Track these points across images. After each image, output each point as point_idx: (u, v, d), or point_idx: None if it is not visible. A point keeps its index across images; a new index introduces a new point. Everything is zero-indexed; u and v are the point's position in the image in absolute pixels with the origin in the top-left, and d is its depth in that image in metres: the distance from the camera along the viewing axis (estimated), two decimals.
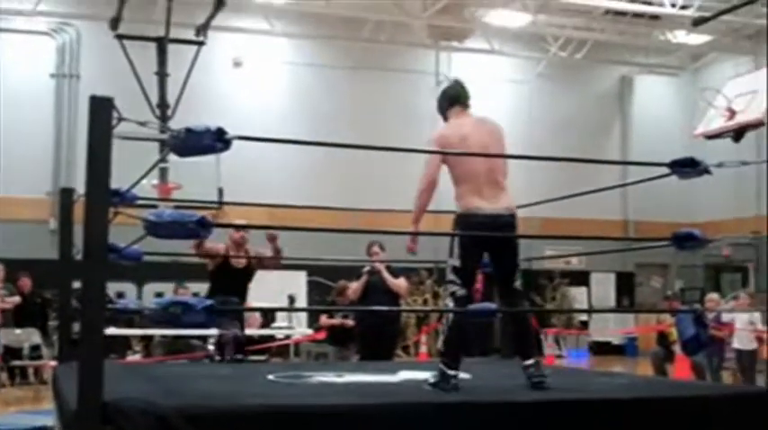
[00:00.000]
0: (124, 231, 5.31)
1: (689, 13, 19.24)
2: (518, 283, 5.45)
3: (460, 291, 5.27)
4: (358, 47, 21.41)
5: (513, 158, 5.68)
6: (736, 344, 12.49)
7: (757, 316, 12.25)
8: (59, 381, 5.51)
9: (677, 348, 12.27)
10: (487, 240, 5.29)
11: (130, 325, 13.22)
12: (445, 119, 5.72)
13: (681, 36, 22.50)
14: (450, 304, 5.32)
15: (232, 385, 5.44)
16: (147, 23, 16.34)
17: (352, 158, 19.34)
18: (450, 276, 5.33)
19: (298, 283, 19.19)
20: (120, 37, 14.98)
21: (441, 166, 5.37)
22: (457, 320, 5.31)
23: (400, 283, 9.76)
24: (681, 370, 12.58)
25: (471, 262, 5.33)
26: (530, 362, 5.31)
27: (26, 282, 14.90)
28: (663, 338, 13.56)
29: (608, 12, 21.07)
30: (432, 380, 5.22)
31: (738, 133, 12.39)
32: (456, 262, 5.29)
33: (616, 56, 23.76)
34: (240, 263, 8.73)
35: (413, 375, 5.87)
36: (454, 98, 5.69)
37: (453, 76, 22.21)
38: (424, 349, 18.77)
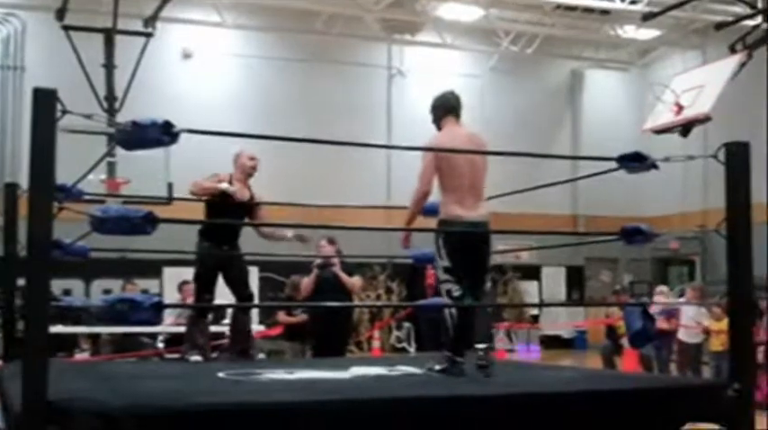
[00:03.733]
0: (72, 227, 5.23)
1: (638, 8, 19.42)
2: (487, 285, 5.93)
3: (457, 291, 5.68)
4: (311, 39, 21.32)
5: (463, 153, 5.71)
6: (681, 336, 12.64)
7: (704, 311, 12.39)
8: (5, 381, 5.40)
9: (625, 341, 12.37)
10: (466, 244, 5.70)
11: (78, 322, 13.02)
12: (438, 127, 6.01)
13: (630, 31, 22.71)
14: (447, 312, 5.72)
15: (181, 383, 5.36)
16: (95, 14, 16.15)
17: (306, 152, 19.25)
18: (444, 276, 5.71)
19: (250, 280, 19.02)
20: (66, 28, 14.78)
21: (435, 175, 5.74)
22: (459, 315, 5.68)
23: (355, 282, 9.73)
24: (629, 363, 12.70)
25: (459, 262, 5.68)
26: (482, 346, 5.69)
27: None
28: (612, 332, 13.68)
29: (559, 6, 21.19)
30: (438, 367, 5.67)
31: (686, 128, 12.52)
32: (446, 262, 5.68)
33: (566, 50, 23.92)
34: (244, 195, 7.94)
35: (365, 371, 5.85)
36: (449, 109, 6.00)
37: (406, 69, 22.46)
38: (377, 344, 18.76)
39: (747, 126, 17.48)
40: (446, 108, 5.98)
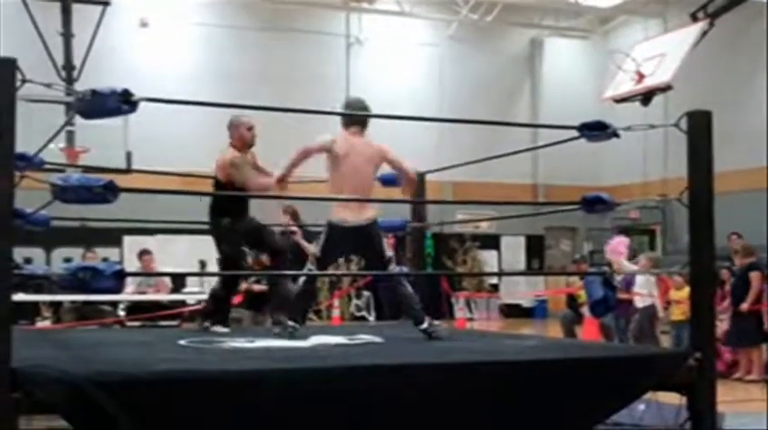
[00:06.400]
0: (33, 196, 5.18)
1: None
2: (393, 267, 6.48)
3: (310, 270, 6.42)
4: (268, 7, 21.18)
5: (424, 121, 5.73)
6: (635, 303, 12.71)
7: (652, 280, 12.46)
8: None
9: (586, 310, 12.45)
10: (349, 244, 6.41)
11: (39, 291, 12.94)
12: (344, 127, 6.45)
13: None
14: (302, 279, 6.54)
15: (143, 351, 5.36)
16: None
17: (264, 121, 19.10)
18: (311, 258, 6.39)
19: (209, 249, 18.91)
20: None
21: (304, 160, 6.37)
22: (305, 287, 6.53)
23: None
24: (589, 331, 12.79)
25: (328, 258, 6.42)
26: (424, 326, 6.18)
27: None
28: (572, 301, 13.75)
29: None
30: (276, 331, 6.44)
31: (647, 96, 12.58)
32: (318, 251, 6.35)
33: (526, 18, 23.90)
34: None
35: (325, 339, 5.86)
36: (356, 120, 6.40)
37: (364, 38, 22.30)
38: (336, 313, 18.78)
39: (709, 94, 17.66)
40: (352, 119, 6.39)
